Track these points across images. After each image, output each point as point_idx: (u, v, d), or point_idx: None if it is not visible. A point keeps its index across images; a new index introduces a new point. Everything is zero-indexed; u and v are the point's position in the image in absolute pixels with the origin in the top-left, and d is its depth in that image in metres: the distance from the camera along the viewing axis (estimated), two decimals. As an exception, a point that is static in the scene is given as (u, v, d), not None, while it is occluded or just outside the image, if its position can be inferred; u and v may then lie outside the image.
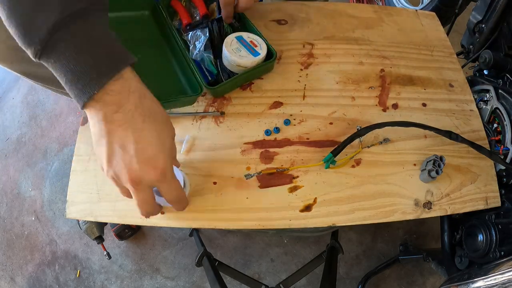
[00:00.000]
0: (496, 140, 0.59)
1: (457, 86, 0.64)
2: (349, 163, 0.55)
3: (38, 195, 1.16)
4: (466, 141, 0.54)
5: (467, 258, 0.57)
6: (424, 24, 0.72)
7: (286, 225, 0.52)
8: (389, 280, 0.98)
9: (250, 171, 0.55)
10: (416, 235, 1.04)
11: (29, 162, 1.22)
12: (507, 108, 0.58)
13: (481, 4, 0.68)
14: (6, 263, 1.08)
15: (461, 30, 0.82)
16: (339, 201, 0.53)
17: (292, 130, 0.58)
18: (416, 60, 0.66)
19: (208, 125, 0.59)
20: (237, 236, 1.04)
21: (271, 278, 1.00)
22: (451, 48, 0.69)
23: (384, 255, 1.01)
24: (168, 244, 1.06)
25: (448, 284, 0.53)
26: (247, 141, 0.57)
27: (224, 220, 0.52)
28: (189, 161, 0.56)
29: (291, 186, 0.54)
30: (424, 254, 0.79)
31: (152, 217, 0.51)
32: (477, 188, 0.54)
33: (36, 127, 1.28)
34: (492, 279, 0.44)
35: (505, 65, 0.63)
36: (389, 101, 0.61)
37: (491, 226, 0.52)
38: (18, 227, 1.12)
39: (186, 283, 1.01)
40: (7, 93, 1.37)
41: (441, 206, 0.53)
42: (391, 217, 0.52)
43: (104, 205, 0.54)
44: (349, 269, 1.01)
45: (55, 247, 1.08)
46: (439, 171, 0.51)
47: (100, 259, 1.05)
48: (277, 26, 0.70)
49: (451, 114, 0.61)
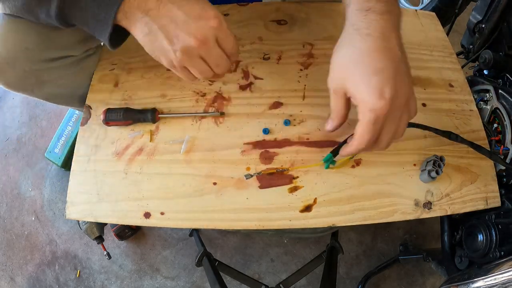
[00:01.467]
0: (496, 140, 0.59)
1: (457, 86, 0.64)
2: (349, 163, 0.55)
3: (38, 195, 1.16)
4: (466, 142, 0.54)
5: (467, 258, 0.57)
6: (424, 24, 0.72)
7: (286, 225, 0.52)
8: (389, 280, 0.98)
9: (250, 171, 0.55)
10: (416, 235, 1.04)
11: (29, 162, 1.22)
12: (507, 108, 0.58)
13: (481, 4, 0.68)
14: (6, 263, 1.08)
15: (461, 30, 0.82)
16: (339, 202, 0.53)
17: (292, 130, 0.58)
18: (416, 60, 0.66)
19: (208, 125, 0.59)
20: (237, 236, 1.04)
21: (271, 278, 1.00)
22: (451, 48, 0.69)
23: (384, 255, 1.01)
24: (168, 244, 1.06)
25: (448, 284, 0.53)
26: (247, 141, 0.57)
27: (224, 220, 0.52)
28: (189, 161, 0.56)
29: (291, 187, 0.54)
30: (424, 254, 0.79)
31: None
32: (477, 188, 0.54)
33: (36, 127, 1.28)
34: (492, 279, 0.44)
35: (505, 65, 0.63)
36: (389, 101, 0.61)
37: (491, 226, 0.52)
38: (18, 227, 1.12)
39: (186, 283, 1.01)
40: (7, 93, 1.37)
41: (441, 206, 0.53)
42: (391, 217, 0.52)
43: (104, 205, 0.54)
44: (349, 269, 1.01)
45: (55, 247, 1.08)
46: (439, 171, 0.51)
47: (100, 259, 1.05)
48: (277, 26, 0.70)
49: (451, 114, 0.61)
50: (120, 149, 0.58)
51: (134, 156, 0.57)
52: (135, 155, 0.57)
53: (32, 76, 0.56)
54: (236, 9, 0.71)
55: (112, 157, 0.57)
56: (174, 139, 0.58)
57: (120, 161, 0.57)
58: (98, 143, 0.59)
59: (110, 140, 0.59)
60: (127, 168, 0.56)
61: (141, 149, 0.58)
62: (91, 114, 0.61)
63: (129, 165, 0.56)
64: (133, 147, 0.58)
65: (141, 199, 0.54)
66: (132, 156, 0.57)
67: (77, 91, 0.65)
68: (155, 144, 0.58)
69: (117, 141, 0.58)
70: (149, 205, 0.54)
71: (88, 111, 0.62)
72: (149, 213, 0.53)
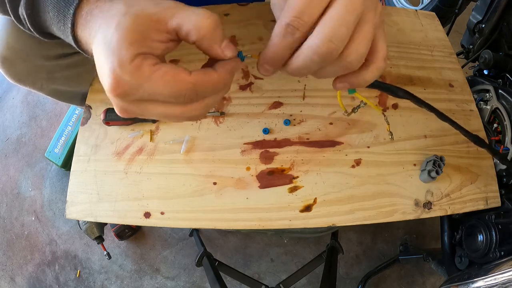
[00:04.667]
0: (496, 140, 0.59)
1: (457, 86, 0.64)
2: (349, 163, 0.55)
3: (38, 195, 1.16)
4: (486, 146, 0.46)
5: (467, 258, 0.57)
6: (424, 24, 0.72)
7: (286, 225, 0.52)
8: (389, 280, 0.98)
9: (250, 171, 0.55)
10: (416, 235, 1.04)
11: (29, 162, 1.22)
12: (507, 108, 0.58)
13: (481, 4, 0.68)
14: (6, 263, 1.08)
15: (461, 30, 0.82)
16: (339, 201, 0.53)
17: (292, 130, 0.58)
18: (416, 60, 0.66)
19: (208, 125, 0.59)
20: (237, 236, 1.04)
21: (271, 278, 1.00)
22: (451, 48, 0.69)
23: (384, 255, 1.01)
24: (168, 244, 1.06)
25: (448, 284, 0.53)
26: (247, 141, 0.57)
27: (224, 220, 0.52)
28: (189, 161, 0.56)
29: (291, 186, 0.54)
30: (424, 254, 0.79)
31: (152, 209, 0.51)
32: (477, 188, 0.54)
33: (36, 127, 1.28)
34: (492, 279, 0.44)
35: (505, 65, 0.63)
36: (389, 101, 0.61)
37: (491, 226, 0.52)
38: (18, 227, 1.12)
39: (186, 283, 1.01)
40: (7, 93, 1.37)
41: (441, 206, 0.53)
42: (391, 217, 0.52)
43: (104, 205, 0.54)
44: (349, 269, 1.01)
45: (55, 247, 1.08)
46: (439, 171, 0.51)
47: (100, 259, 1.05)
48: (277, 26, 0.70)
49: (451, 114, 0.61)
50: (120, 149, 0.58)
51: (134, 156, 0.57)
52: (135, 155, 0.57)
53: (43, 71, 0.56)
54: (236, 9, 0.71)
55: (112, 157, 0.57)
56: (174, 139, 0.58)
57: (120, 161, 0.57)
58: (98, 143, 0.59)
59: (110, 140, 0.59)
60: (127, 168, 0.56)
61: (141, 149, 0.58)
62: (91, 114, 0.61)
63: (129, 165, 0.56)
64: (133, 147, 0.58)
65: (141, 199, 0.54)
66: (132, 156, 0.57)
67: (82, 89, 0.65)
68: (155, 144, 0.58)
69: (117, 141, 0.59)
70: (149, 205, 0.54)
71: (88, 111, 0.62)
72: (149, 213, 0.53)
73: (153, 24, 0.26)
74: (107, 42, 0.26)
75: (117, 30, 0.26)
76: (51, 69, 0.57)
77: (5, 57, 0.51)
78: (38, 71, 0.56)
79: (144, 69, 0.25)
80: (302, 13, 0.25)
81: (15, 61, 0.52)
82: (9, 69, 0.53)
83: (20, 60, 0.52)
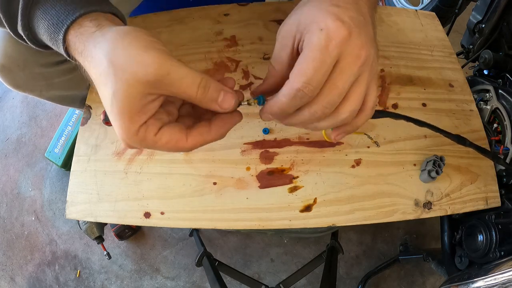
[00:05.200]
0: (496, 140, 0.59)
1: (457, 86, 0.64)
2: (349, 163, 0.55)
3: (38, 195, 1.16)
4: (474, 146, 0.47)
5: (467, 258, 0.57)
6: (424, 24, 0.72)
7: (286, 225, 0.52)
8: (389, 280, 0.98)
9: (250, 171, 0.55)
10: (416, 235, 1.04)
11: (29, 162, 1.22)
12: (507, 108, 0.58)
13: (481, 4, 0.68)
14: (6, 263, 1.08)
15: (461, 30, 0.82)
16: (339, 201, 0.53)
17: (292, 130, 0.58)
18: (416, 60, 0.66)
19: (208, 125, 0.59)
20: (237, 236, 1.04)
21: (271, 278, 1.00)
22: (451, 48, 0.69)
23: (384, 255, 1.01)
24: (168, 244, 1.06)
25: (448, 284, 0.53)
26: (247, 141, 0.57)
27: (224, 220, 0.52)
28: (189, 161, 0.56)
29: (291, 186, 0.54)
30: (424, 254, 0.79)
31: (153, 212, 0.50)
32: (477, 188, 0.54)
33: (36, 127, 1.28)
34: (492, 279, 0.44)
35: (505, 65, 0.63)
36: (389, 101, 0.61)
37: (491, 226, 0.52)
38: (18, 227, 1.12)
39: (186, 283, 1.01)
40: (7, 93, 1.37)
41: (441, 206, 0.53)
42: (391, 217, 0.52)
43: (104, 205, 0.54)
44: (349, 269, 1.01)
45: (55, 247, 1.08)
46: (439, 171, 0.51)
47: (100, 259, 1.05)
48: (277, 26, 0.70)
49: (451, 114, 0.61)
50: (120, 149, 0.58)
51: (134, 156, 0.57)
52: (135, 155, 0.57)
53: (41, 78, 0.56)
54: (236, 9, 0.71)
55: (112, 157, 0.57)
56: (174, 139, 0.58)
57: (120, 161, 0.57)
58: (98, 143, 0.59)
59: (110, 140, 0.59)
60: (127, 168, 0.56)
61: (141, 148, 0.58)
62: (91, 114, 0.61)
63: (129, 165, 0.56)
64: (133, 147, 0.58)
65: (141, 199, 0.54)
66: (132, 156, 0.57)
67: (80, 92, 0.65)
68: (155, 144, 0.58)
69: (117, 141, 0.59)
70: (149, 205, 0.54)
71: (88, 111, 0.62)
72: (149, 213, 0.53)
73: (146, 92, 0.28)
74: (108, 102, 0.29)
75: (115, 98, 0.28)
76: (49, 76, 0.57)
77: (3, 65, 0.51)
78: (37, 78, 0.56)
79: (148, 139, 0.30)
80: (312, 80, 0.27)
81: (13, 69, 0.52)
82: (7, 77, 0.54)
83: (18, 69, 0.53)
